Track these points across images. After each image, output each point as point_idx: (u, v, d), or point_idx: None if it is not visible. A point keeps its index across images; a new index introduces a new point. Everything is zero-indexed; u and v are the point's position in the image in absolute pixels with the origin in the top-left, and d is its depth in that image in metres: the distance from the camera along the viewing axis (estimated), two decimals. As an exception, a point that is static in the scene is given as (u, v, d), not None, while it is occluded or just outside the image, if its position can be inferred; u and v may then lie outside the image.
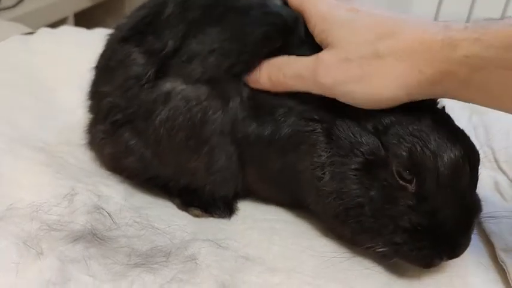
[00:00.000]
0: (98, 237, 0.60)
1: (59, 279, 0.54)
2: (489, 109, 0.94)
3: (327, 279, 0.62)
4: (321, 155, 0.63)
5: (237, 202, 0.74)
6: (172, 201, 0.74)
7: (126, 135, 0.68)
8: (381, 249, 0.60)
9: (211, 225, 0.70)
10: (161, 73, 0.65)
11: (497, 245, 0.67)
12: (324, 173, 0.63)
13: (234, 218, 0.72)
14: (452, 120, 0.64)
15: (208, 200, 0.72)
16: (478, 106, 0.91)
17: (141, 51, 0.66)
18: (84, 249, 0.58)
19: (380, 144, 0.60)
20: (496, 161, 0.83)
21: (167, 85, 0.65)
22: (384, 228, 0.60)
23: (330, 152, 0.62)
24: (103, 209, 0.63)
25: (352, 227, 0.62)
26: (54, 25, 1.29)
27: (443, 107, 0.66)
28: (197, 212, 0.72)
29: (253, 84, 0.65)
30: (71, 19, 1.83)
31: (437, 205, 0.58)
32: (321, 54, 0.61)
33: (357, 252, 0.66)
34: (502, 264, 0.65)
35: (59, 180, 0.68)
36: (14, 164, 0.70)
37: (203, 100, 0.64)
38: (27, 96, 0.90)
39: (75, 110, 0.85)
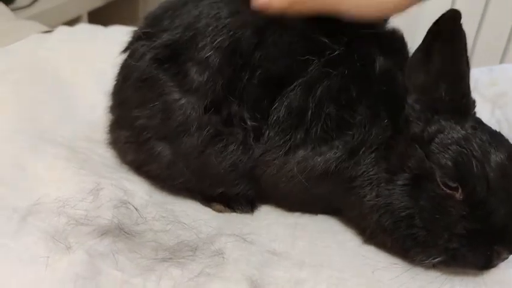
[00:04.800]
0: (125, 232, 0.60)
1: (88, 273, 0.54)
2: (511, 102, 0.94)
3: (353, 273, 0.61)
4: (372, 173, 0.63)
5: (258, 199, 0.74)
6: (194, 197, 0.73)
7: (160, 149, 0.68)
8: (436, 260, 0.60)
9: (235, 220, 0.70)
10: None
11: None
12: (370, 190, 0.63)
13: (257, 212, 0.72)
14: (485, 124, 0.64)
15: (231, 196, 0.72)
16: (501, 100, 0.90)
17: (176, 86, 0.65)
18: (112, 243, 0.58)
19: (424, 156, 0.61)
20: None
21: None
22: (438, 238, 0.60)
23: (378, 168, 0.63)
24: (129, 203, 0.63)
25: (403, 240, 0.62)
26: (68, 24, 1.30)
27: (475, 112, 0.66)
28: (220, 207, 0.72)
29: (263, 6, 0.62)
30: (85, 18, 1.84)
31: (491, 208, 0.58)
32: None
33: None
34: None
35: (83, 175, 0.68)
36: (37, 160, 0.71)
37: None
38: (47, 93, 0.90)
39: (95, 106, 0.86)
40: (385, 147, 0.63)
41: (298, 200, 0.69)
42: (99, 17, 1.90)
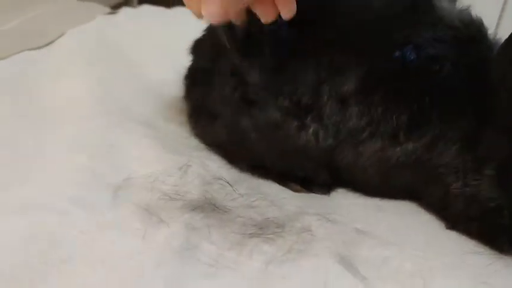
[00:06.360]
0: (216, 207, 0.62)
1: (188, 245, 0.56)
2: None
3: (438, 254, 0.62)
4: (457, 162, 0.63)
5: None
6: (271, 176, 0.75)
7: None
8: None
9: (313, 200, 0.71)
10: None
11: None
12: (456, 179, 0.63)
13: (333, 194, 0.73)
14: None
15: (308, 177, 0.73)
16: None
17: None
18: (204, 218, 0.60)
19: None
20: None
21: None
22: None
23: (463, 158, 0.63)
24: (222, 179, 0.65)
25: (489, 230, 0.62)
26: (118, 6, 1.32)
27: None
28: (297, 187, 0.73)
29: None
30: (135, 0, 1.86)
31: None
32: None
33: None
34: None
35: (167, 153, 0.71)
36: (123, 137, 0.73)
37: None
38: (120, 73, 0.93)
39: (167, 85, 0.88)
40: (472, 138, 0.63)
41: (376, 188, 0.70)
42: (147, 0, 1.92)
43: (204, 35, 0.78)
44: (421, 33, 0.65)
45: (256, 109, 0.67)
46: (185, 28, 0.98)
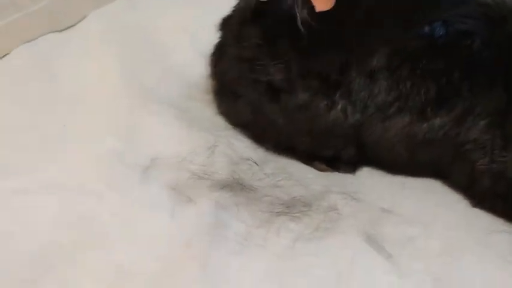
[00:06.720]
0: (244, 186, 0.63)
1: (218, 223, 0.57)
2: None
3: (465, 233, 0.62)
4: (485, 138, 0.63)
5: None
6: (296, 156, 0.75)
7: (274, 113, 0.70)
8: None
9: (339, 179, 0.71)
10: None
11: None
12: (483, 155, 0.63)
13: (359, 172, 0.73)
14: None
15: (334, 156, 0.73)
16: None
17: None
18: (232, 196, 0.62)
19: None
20: None
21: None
22: None
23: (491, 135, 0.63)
24: (250, 159, 0.66)
25: None
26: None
27: None
28: (322, 166, 0.74)
29: None
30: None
31: None
32: None
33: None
34: None
35: (195, 132, 0.72)
36: (149, 117, 0.74)
37: None
38: (143, 54, 0.93)
39: (192, 66, 0.88)
40: (500, 115, 0.63)
41: (403, 166, 0.70)
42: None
43: (233, 11, 0.78)
44: (451, 10, 0.64)
45: (285, 95, 0.68)
46: (206, 8, 0.98)
